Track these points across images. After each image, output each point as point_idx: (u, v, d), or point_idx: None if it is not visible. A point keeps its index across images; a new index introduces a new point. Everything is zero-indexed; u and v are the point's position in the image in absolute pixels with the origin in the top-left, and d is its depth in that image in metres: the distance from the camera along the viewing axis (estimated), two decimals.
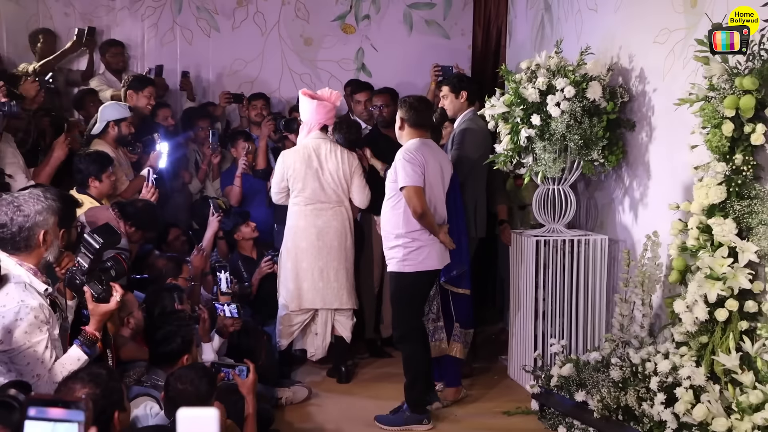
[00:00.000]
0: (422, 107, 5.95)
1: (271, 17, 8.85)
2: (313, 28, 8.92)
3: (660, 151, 5.96)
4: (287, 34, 8.88)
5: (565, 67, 6.18)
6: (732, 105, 4.79)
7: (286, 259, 6.58)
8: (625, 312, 5.68)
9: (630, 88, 6.23)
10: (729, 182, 4.89)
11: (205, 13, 8.76)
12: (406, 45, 8.93)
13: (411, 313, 5.92)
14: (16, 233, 3.68)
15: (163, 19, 8.70)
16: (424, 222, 5.69)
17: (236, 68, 8.79)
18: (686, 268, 5.11)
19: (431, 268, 5.86)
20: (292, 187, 6.49)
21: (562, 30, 7.28)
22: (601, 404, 5.22)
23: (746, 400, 4.57)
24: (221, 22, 8.79)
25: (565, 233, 6.39)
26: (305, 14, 8.88)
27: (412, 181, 5.64)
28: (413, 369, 5.89)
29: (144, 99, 7.22)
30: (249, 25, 8.82)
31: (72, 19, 8.56)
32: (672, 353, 5.12)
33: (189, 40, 8.73)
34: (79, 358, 3.73)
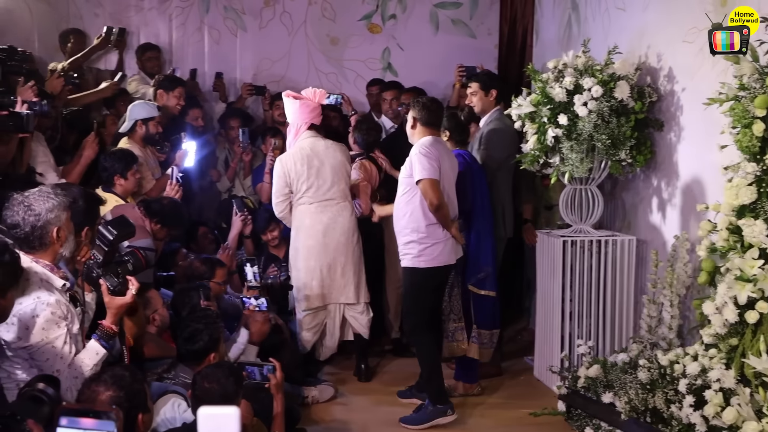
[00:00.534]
0: (434, 107, 6.00)
1: (298, 17, 8.86)
2: (339, 28, 8.93)
3: (689, 151, 5.92)
4: (314, 33, 8.89)
5: (593, 67, 6.15)
6: (763, 104, 4.72)
7: (295, 259, 6.59)
8: (653, 313, 5.65)
9: (658, 88, 6.19)
10: (759, 183, 4.82)
11: (232, 12, 8.78)
12: (432, 44, 8.90)
13: (423, 307, 5.95)
14: (29, 233, 3.70)
15: (191, 19, 8.74)
16: (439, 215, 5.73)
17: (263, 68, 8.80)
18: (715, 270, 5.04)
19: (444, 263, 5.90)
20: (297, 188, 6.47)
21: (589, 29, 7.25)
22: (629, 406, 5.17)
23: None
24: (248, 21, 8.82)
25: (592, 233, 6.35)
26: (332, 14, 8.88)
27: (429, 173, 5.67)
28: (428, 361, 5.94)
29: (174, 99, 7.24)
30: (276, 25, 8.83)
31: (102, 19, 8.60)
32: (701, 355, 5.06)
33: (216, 40, 8.76)
34: (98, 351, 3.76)
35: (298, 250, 6.55)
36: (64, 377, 3.64)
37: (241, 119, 8.12)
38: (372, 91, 8.40)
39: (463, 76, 7.88)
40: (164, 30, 8.74)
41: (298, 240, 6.55)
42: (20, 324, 3.59)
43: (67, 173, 5.98)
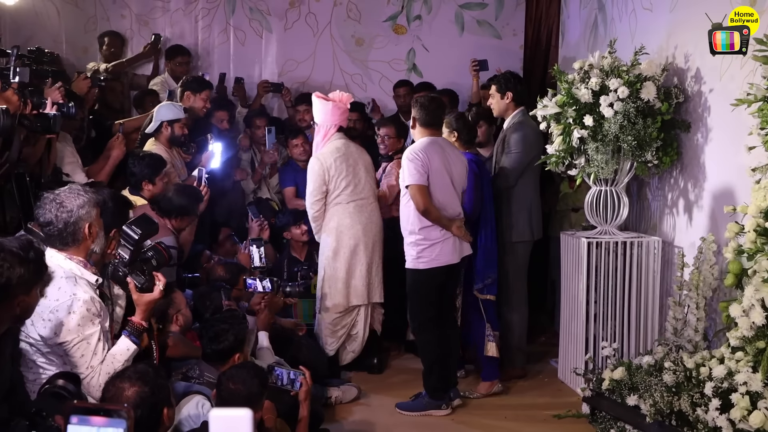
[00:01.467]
0: (432, 106, 6.07)
1: (323, 18, 8.88)
2: (364, 29, 8.94)
3: (716, 152, 5.88)
4: (339, 34, 8.90)
5: (619, 68, 6.14)
6: None
7: (332, 260, 6.61)
8: (678, 316, 5.61)
9: (685, 89, 6.16)
10: None
11: (257, 14, 8.81)
12: (458, 45, 8.89)
13: (425, 306, 6.06)
14: (62, 229, 3.75)
15: (217, 20, 8.77)
16: (430, 218, 5.86)
17: (288, 69, 8.82)
18: (742, 272, 5.02)
19: (445, 263, 6.00)
20: (335, 186, 6.53)
21: (615, 30, 7.24)
22: (654, 409, 5.14)
23: None
24: (273, 23, 8.84)
25: (618, 235, 6.31)
26: (357, 15, 8.89)
27: (414, 179, 5.82)
28: (429, 357, 6.11)
29: (200, 101, 7.20)
30: (301, 26, 8.85)
31: (128, 20, 8.68)
32: (727, 358, 5.02)
33: (242, 41, 8.79)
34: (129, 348, 3.80)
35: (336, 250, 6.59)
36: (97, 373, 3.71)
37: (267, 119, 8.15)
38: (399, 93, 8.41)
39: (477, 70, 7.96)
40: (190, 31, 8.78)
41: (340, 240, 6.58)
42: (56, 320, 3.64)
43: (95, 174, 6.01)
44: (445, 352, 6.10)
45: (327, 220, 6.61)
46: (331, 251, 6.60)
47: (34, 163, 5.10)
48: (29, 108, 4.83)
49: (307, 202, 6.63)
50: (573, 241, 6.41)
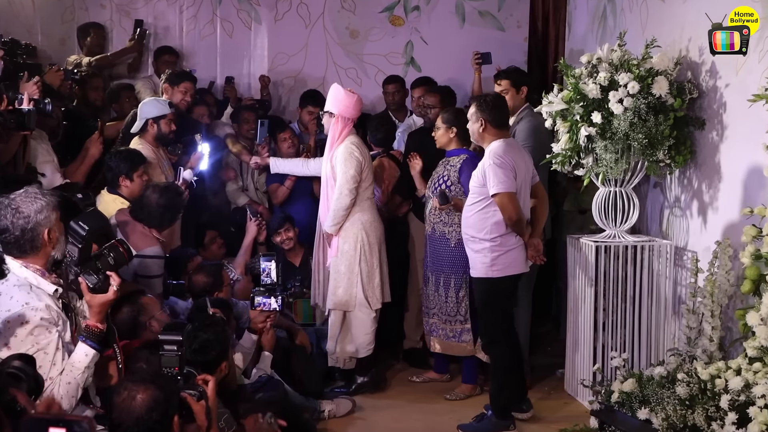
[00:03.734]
0: (503, 105, 6.14)
1: (316, 8, 8.90)
2: (359, 20, 8.96)
3: (732, 151, 5.91)
4: (332, 26, 8.92)
5: (629, 61, 6.16)
6: None
7: (368, 253, 6.66)
8: (692, 324, 5.65)
9: (699, 84, 6.19)
10: None
11: (246, 4, 8.83)
12: (458, 38, 8.91)
13: (499, 318, 6.04)
14: (19, 236, 3.74)
15: (203, 10, 8.78)
16: (517, 228, 5.85)
17: (278, 62, 8.84)
18: (760, 278, 5.08)
19: (518, 271, 6.02)
20: (364, 178, 6.61)
21: (625, 21, 7.26)
22: (667, 423, 5.16)
23: None
24: (263, 13, 8.86)
25: (628, 239, 6.35)
26: (351, 5, 8.92)
27: (505, 187, 5.75)
28: (502, 374, 6.05)
29: (179, 94, 7.18)
30: (292, 17, 8.87)
31: (108, 11, 8.69)
32: (744, 369, 5.04)
33: (229, 33, 8.80)
34: (87, 353, 3.77)
35: (372, 244, 6.65)
36: (57, 384, 3.70)
37: (256, 113, 8.09)
38: (388, 90, 8.39)
39: (479, 64, 8.00)
40: (174, 22, 8.80)
41: (371, 234, 6.65)
42: (8, 331, 3.62)
43: (71, 173, 6.01)
44: (518, 363, 6.14)
45: (357, 212, 6.62)
46: (367, 244, 6.62)
47: (7, 162, 5.09)
48: (4, 104, 4.83)
49: (342, 190, 6.52)
50: (580, 244, 6.43)
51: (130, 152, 6.20)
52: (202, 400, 3.69)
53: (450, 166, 6.59)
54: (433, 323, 6.70)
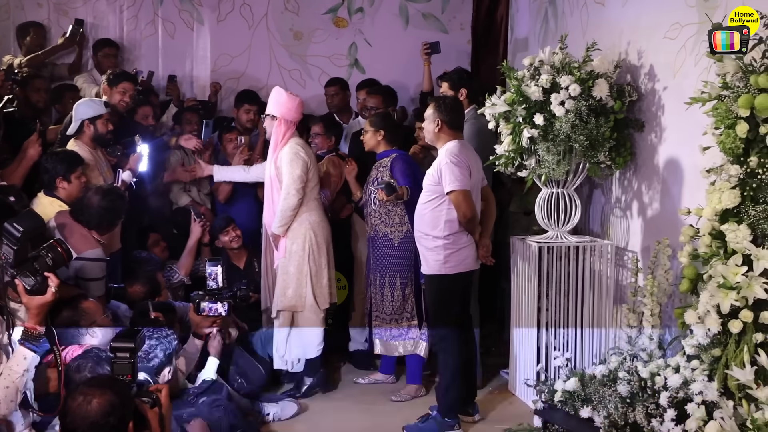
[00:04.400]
0: (461, 108, 6.22)
1: (259, 9, 8.88)
2: (303, 22, 8.94)
3: (670, 152, 6.00)
4: (276, 27, 8.90)
5: (570, 64, 6.21)
6: (747, 104, 4.78)
7: (317, 253, 6.66)
8: (633, 323, 5.69)
9: (639, 86, 6.27)
10: (743, 186, 4.89)
11: (188, 4, 8.76)
12: (402, 40, 8.94)
13: (450, 315, 6.09)
14: None
15: (144, 10, 8.70)
16: (470, 226, 5.94)
17: (221, 63, 8.80)
18: (698, 277, 5.11)
19: (470, 269, 6.10)
20: (310, 179, 6.59)
21: (567, 24, 7.32)
22: (608, 421, 5.23)
23: (762, 417, 4.58)
24: (206, 14, 8.81)
25: (570, 239, 6.42)
26: (295, 6, 8.90)
27: (461, 185, 5.83)
28: (451, 373, 6.08)
29: (117, 95, 7.09)
30: (235, 18, 8.83)
31: (45, 10, 8.55)
32: (683, 367, 5.12)
33: (171, 34, 8.73)
34: (25, 356, 3.74)
35: (320, 245, 6.66)
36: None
37: (198, 113, 8.02)
38: (329, 92, 8.39)
39: (428, 54, 8.01)
40: (114, 23, 8.69)
41: (318, 235, 6.64)
42: None
43: (8, 175, 5.95)
44: (468, 358, 6.17)
45: (304, 212, 6.61)
46: (315, 244, 6.62)
47: None
48: None
49: (288, 190, 6.48)
50: (523, 245, 6.50)
51: (67, 153, 6.12)
52: (155, 407, 3.67)
53: (382, 167, 6.67)
54: (377, 325, 6.75)
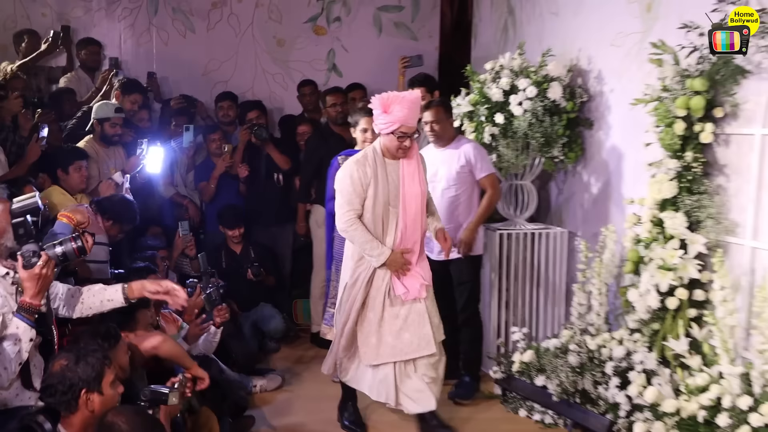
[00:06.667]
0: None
1: (245, 19, 8.87)
2: (285, 30, 8.93)
3: (616, 148, 6.09)
4: (260, 35, 8.90)
5: (528, 68, 6.27)
6: (683, 105, 4.93)
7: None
8: (582, 301, 5.75)
9: (588, 89, 6.34)
10: (680, 178, 5.03)
11: (180, 14, 8.75)
12: (376, 46, 8.96)
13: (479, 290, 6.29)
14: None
15: (140, 20, 8.68)
16: (494, 209, 6.14)
17: (211, 68, 8.78)
18: (640, 260, 5.23)
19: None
20: None
21: (524, 33, 7.36)
22: (560, 388, 5.36)
23: (694, 382, 4.72)
24: (196, 23, 8.78)
25: (527, 227, 6.49)
26: (278, 16, 8.90)
27: (493, 168, 6.04)
28: (480, 342, 6.26)
29: (128, 104, 7.22)
30: (223, 27, 8.82)
31: (49, 19, 8.52)
32: (626, 339, 5.26)
33: (165, 41, 8.71)
34: (18, 326, 3.70)
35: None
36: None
37: (187, 116, 8.04)
38: (305, 92, 8.35)
39: (406, 67, 7.88)
40: (113, 31, 8.66)
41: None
42: None
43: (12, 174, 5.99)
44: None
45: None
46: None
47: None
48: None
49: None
50: (486, 233, 6.56)
51: (68, 148, 6.22)
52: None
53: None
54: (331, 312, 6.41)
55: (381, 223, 5.08)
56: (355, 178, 5.00)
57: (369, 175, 5.02)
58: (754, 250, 4.83)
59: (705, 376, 4.72)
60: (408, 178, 5.08)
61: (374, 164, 5.05)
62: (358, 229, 5.03)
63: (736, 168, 4.96)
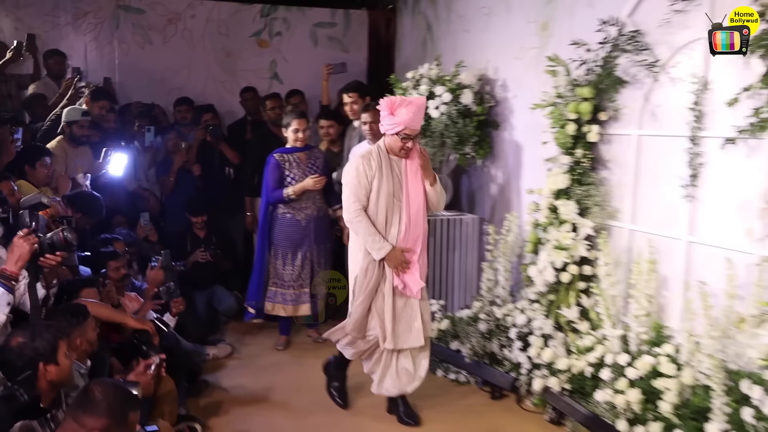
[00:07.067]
0: None
1: (198, 33, 8.76)
2: (233, 43, 8.83)
3: (519, 146, 6.15)
4: (211, 47, 8.79)
5: (443, 77, 6.28)
6: (574, 110, 5.02)
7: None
8: (491, 277, 5.77)
9: (495, 95, 6.37)
10: (572, 171, 5.12)
11: (139, 29, 8.58)
12: (312, 57, 8.88)
13: None
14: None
15: (103, 33, 8.50)
16: None
17: (167, 76, 8.64)
18: (538, 241, 5.32)
19: None
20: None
21: (440, 47, 7.37)
22: (472, 351, 5.45)
23: (582, 343, 4.85)
24: (154, 36, 8.63)
25: (445, 214, 6.47)
26: (226, 31, 8.80)
27: None
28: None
29: (96, 109, 7.07)
30: (178, 40, 8.69)
31: (21, 32, 8.22)
32: (527, 309, 5.34)
33: (126, 52, 8.55)
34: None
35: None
36: None
37: (148, 119, 7.91)
38: (246, 97, 8.25)
39: (331, 73, 7.82)
40: (79, 43, 8.48)
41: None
42: None
43: None
44: None
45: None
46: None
47: None
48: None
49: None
50: None
51: (33, 146, 6.10)
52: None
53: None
54: (277, 292, 6.40)
55: (385, 215, 4.74)
56: (360, 171, 4.70)
57: (374, 168, 4.72)
58: (632, 232, 4.95)
59: (591, 338, 4.83)
60: (411, 174, 4.77)
61: (379, 159, 4.75)
62: (362, 221, 4.71)
63: (617, 163, 5.07)
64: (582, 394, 4.74)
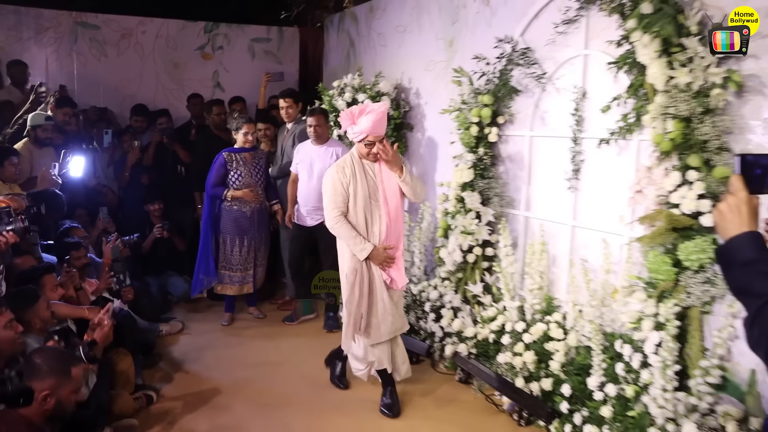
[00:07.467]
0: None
1: (148, 47, 8.59)
2: (180, 55, 8.70)
3: (431, 145, 6.17)
4: (160, 59, 8.64)
5: (364, 86, 6.33)
6: (476, 114, 5.06)
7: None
8: (408, 258, 5.81)
9: (409, 101, 6.39)
10: (475, 167, 5.16)
11: (96, 43, 8.38)
12: (250, 68, 8.81)
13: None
14: None
15: (63, 47, 8.27)
16: None
17: (121, 85, 8.46)
18: (448, 227, 5.36)
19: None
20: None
21: (362, 59, 7.37)
22: None
23: (486, 314, 4.90)
24: (109, 50, 8.42)
25: None
26: (174, 45, 8.66)
27: None
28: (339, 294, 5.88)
29: (60, 115, 6.90)
30: (131, 53, 8.51)
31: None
32: (439, 285, 5.37)
33: (84, 64, 8.34)
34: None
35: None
36: None
37: (106, 123, 7.74)
38: (194, 102, 8.09)
39: (269, 81, 7.71)
40: (41, 55, 8.24)
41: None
42: None
43: None
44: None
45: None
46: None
47: None
48: None
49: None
50: None
51: (2, 147, 5.91)
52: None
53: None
54: (225, 274, 6.31)
55: (365, 216, 4.40)
56: (336, 180, 4.38)
57: (348, 176, 4.38)
58: (527, 218, 5.02)
59: (494, 309, 4.89)
60: (386, 174, 4.41)
61: (352, 166, 4.41)
62: (343, 227, 4.37)
63: (513, 159, 5.12)
64: (486, 357, 4.79)
